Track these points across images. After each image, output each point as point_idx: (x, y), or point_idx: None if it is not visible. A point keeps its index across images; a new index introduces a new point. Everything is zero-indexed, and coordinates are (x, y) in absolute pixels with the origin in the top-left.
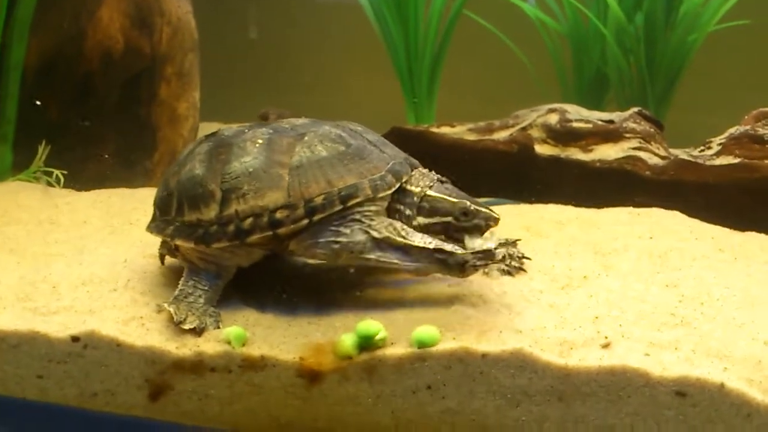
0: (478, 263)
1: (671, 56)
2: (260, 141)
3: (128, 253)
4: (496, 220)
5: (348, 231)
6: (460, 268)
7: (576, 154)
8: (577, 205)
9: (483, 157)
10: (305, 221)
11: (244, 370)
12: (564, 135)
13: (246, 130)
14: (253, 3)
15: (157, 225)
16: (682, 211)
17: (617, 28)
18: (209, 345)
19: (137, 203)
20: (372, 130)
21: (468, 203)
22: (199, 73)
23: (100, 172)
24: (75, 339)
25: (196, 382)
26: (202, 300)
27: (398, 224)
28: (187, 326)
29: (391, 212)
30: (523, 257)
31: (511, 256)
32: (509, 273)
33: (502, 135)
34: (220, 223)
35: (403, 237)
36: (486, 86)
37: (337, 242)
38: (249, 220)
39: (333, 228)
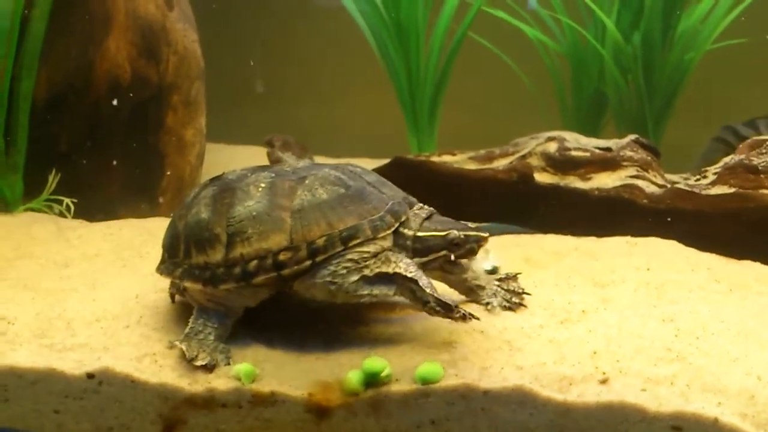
0: (437, 308)
1: (669, 75)
2: (263, 185)
3: (140, 287)
4: (485, 238)
5: (344, 272)
6: (423, 304)
7: (575, 182)
8: (576, 234)
9: (483, 187)
10: (308, 262)
11: (254, 406)
12: (563, 163)
13: (249, 174)
14: (257, 28)
15: (166, 267)
16: (679, 240)
17: (615, 48)
18: (220, 381)
19: (147, 235)
20: (371, 167)
21: (456, 232)
22: (204, 100)
23: (109, 200)
24: (90, 376)
25: (208, 417)
26: (212, 337)
27: (391, 255)
28: (198, 363)
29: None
30: (524, 292)
31: (512, 291)
32: (510, 308)
33: (502, 163)
34: (227, 265)
35: (394, 263)
36: (487, 106)
37: (333, 283)
38: (254, 263)
39: (331, 268)
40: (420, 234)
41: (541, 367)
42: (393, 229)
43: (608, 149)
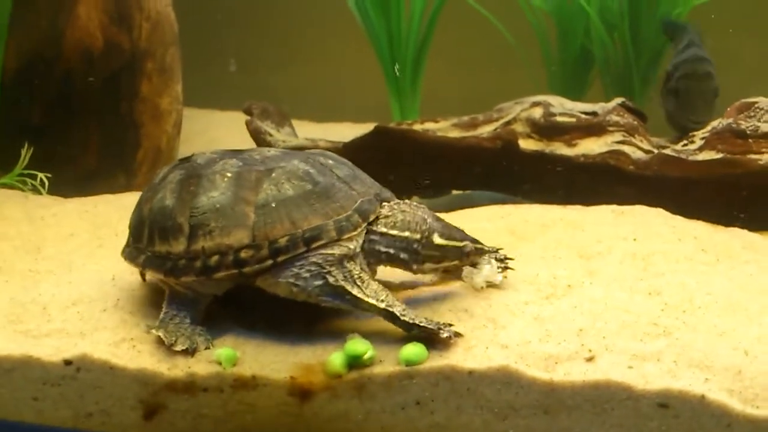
0: (422, 335)
1: (656, 31)
2: (229, 175)
3: (116, 268)
4: (496, 251)
5: (307, 275)
6: (406, 329)
7: (560, 149)
8: (562, 202)
9: (468, 155)
10: (269, 262)
11: (236, 390)
12: (548, 129)
13: (217, 159)
14: None
15: (130, 252)
16: (666, 207)
17: (600, 5)
18: (200, 366)
19: (124, 211)
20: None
21: (472, 245)
22: (180, 66)
23: (84, 174)
24: (68, 363)
25: (190, 402)
26: (188, 320)
27: (356, 272)
28: (178, 348)
29: (375, 254)
30: (507, 268)
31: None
32: (493, 284)
33: (486, 130)
34: (188, 257)
35: (358, 288)
36: (471, 68)
37: (296, 285)
38: (215, 258)
39: (294, 270)
40: (440, 242)
41: (526, 345)
42: (361, 229)
43: (594, 114)
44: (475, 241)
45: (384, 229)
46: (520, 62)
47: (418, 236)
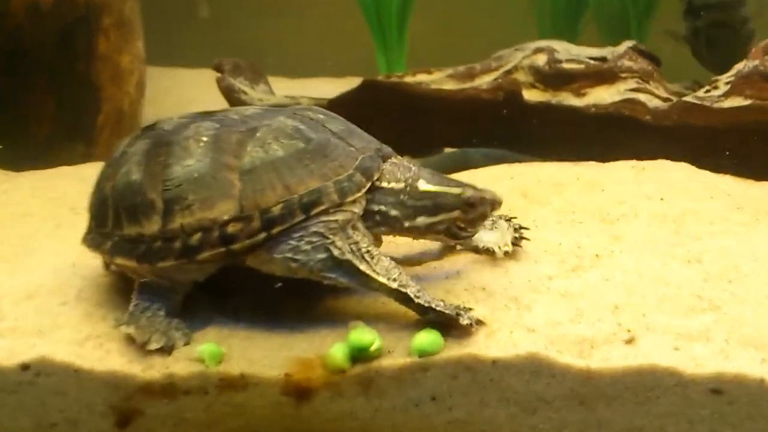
0: (438, 320)
1: None
2: (205, 139)
3: (77, 252)
4: (500, 203)
5: (308, 247)
6: (421, 314)
7: (568, 99)
8: (573, 158)
9: (467, 108)
10: (262, 235)
11: (223, 391)
12: (554, 78)
13: (188, 123)
14: None
15: (93, 238)
16: (690, 161)
17: None
18: (180, 365)
19: (84, 186)
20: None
21: (472, 191)
22: (141, 20)
23: (38, 144)
24: (25, 367)
25: (170, 406)
26: (162, 312)
27: (365, 244)
28: (153, 346)
29: (369, 216)
30: (522, 238)
31: (510, 230)
32: (507, 252)
33: (485, 80)
34: (165, 238)
35: (367, 264)
36: (458, 14)
37: (295, 260)
38: (197, 236)
39: (292, 243)
40: (428, 188)
41: (555, 327)
42: (365, 189)
43: (603, 59)
44: (479, 190)
45: (377, 183)
46: (508, 7)
47: (402, 185)
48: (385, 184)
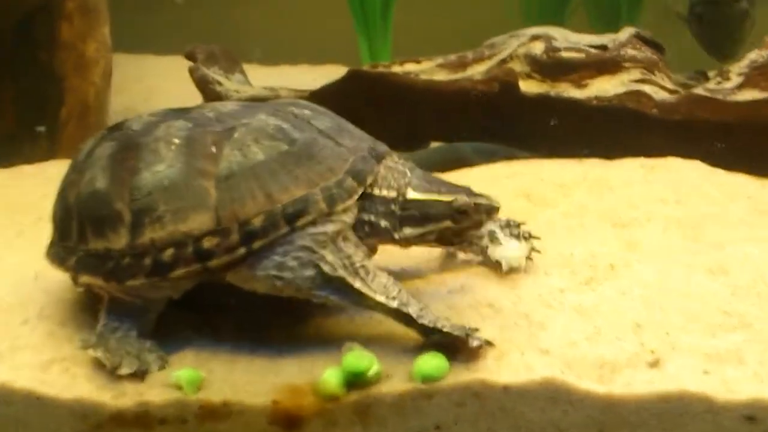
0: (444, 342)
1: None
2: (176, 140)
3: (39, 263)
4: (497, 209)
5: (294, 263)
6: (424, 335)
7: (568, 90)
8: (575, 155)
9: (459, 100)
10: (242, 250)
11: (203, 420)
12: (552, 67)
13: (158, 123)
14: None
15: (56, 253)
16: (700, 158)
17: None
18: (155, 392)
19: (47, 187)
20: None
21: (465, 198)
22: (106, 4)
23: None
24: None
25: None
26: (134, 333)
27: (358, 258)
28: (125, 371)
29: (359, 226)
30: (533, 250)
31: (519, 237)
32: (516, 269)
33: (477, 70)
34: (134, 254)
35: (362, 281)
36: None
37: (280, 277)
38: (169, 251)
39: (277, 258)
40: (416, 196)
41: (571, 348)
42: (357, 196)
43: (604, 47)
44: (473, 194)
45: (377, 192)
46: None
47: (394, 194)
48: (377, 192)
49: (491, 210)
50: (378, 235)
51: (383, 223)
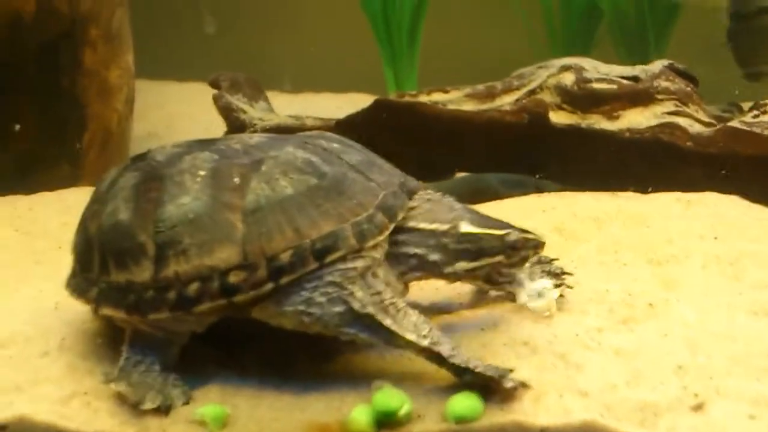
0: (477, 382)
1: None
2: (202, 173)
3: (59, 293)
4: (543, 245)
5: (323, 299)
6: (456, 375)
7: (600, 122)
8: (607, 188)
9: (488, 132)
10: (269, 285)
11: None
12: (583, 99)
13: (183, 154)
14: None
15: (77, 284)
16: (737, 194)
17: None
18: (179, 428)
19: (68, 215)
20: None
21: (516, 233)
22: (130, 32)
23: (17, 166)
24: (2, 428)
25: None
26: (157, 367)
27: (388, 295)
28: (148, 406)
29: (403, 260)
30: (565, 285)
31: (551, 274)
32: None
33: (506, 101)
34: (158, 287)
35: (392, 318)
36: (468, 27)
37: (308, 314)
38: (194, 285)
39: (305, 294)
40: (470, 230)
41: (611, 391)
42: (387, 232)
43: (636, 78)
44: (523, 231)
45: (412, 224)
46: (517, 23)
47: (446, 227)
48: (424, 225)
49: (538, 246)
50: (424, 269)
51: (432, 256)
